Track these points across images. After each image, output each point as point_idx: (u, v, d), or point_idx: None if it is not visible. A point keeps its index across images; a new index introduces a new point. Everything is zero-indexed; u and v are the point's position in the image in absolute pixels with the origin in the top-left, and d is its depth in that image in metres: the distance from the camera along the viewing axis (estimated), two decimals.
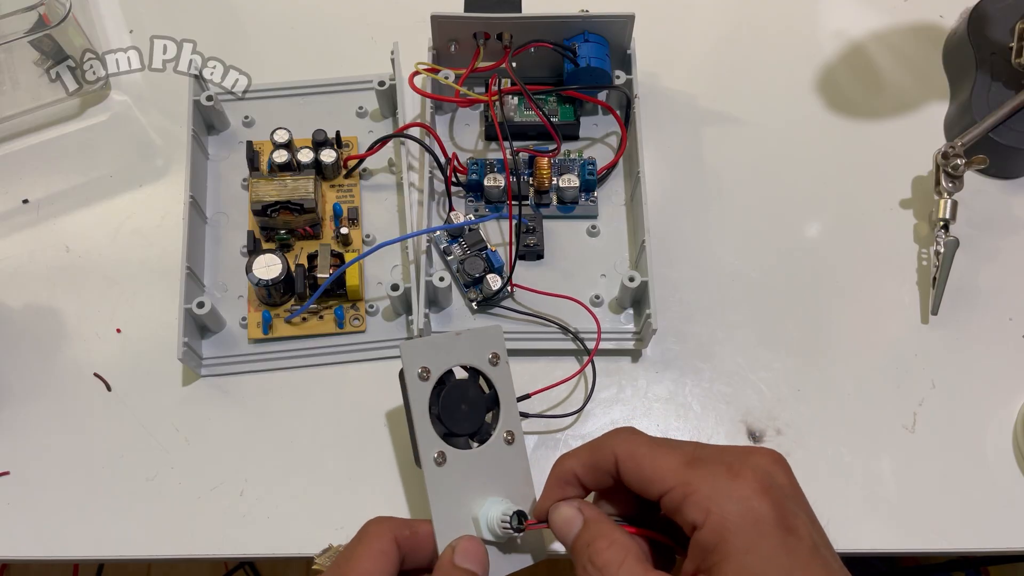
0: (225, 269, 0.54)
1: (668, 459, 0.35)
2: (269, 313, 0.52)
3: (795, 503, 0.34)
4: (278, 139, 0.55)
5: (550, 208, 0.56)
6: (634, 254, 0.54)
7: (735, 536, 0.32)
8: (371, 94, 0.59)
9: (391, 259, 0.55)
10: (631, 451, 0.36)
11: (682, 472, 0.34)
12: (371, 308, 0.53)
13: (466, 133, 0.59)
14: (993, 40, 0.60)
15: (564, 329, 0.52)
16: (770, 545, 0.32)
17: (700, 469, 0.34)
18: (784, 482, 0.34)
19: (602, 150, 0.59)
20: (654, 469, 0.35)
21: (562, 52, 0.56)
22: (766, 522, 0.32)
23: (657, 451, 0.36)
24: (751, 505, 0.32)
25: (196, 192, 0.54)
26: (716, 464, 0.34)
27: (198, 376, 0.52)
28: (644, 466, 0.35)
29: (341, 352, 0.52)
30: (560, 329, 0.52)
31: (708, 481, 0.33)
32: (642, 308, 0.52)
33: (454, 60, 0.57)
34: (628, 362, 0.53)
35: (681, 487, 0.34)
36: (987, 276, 0.55)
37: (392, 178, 0.57)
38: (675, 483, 0.34)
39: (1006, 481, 0.50)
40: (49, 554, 0.47)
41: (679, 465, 0.34)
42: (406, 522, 0.39)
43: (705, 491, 0.33)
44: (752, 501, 0.32)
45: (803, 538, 0.32)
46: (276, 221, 0.54)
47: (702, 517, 0.33)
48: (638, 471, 0.36)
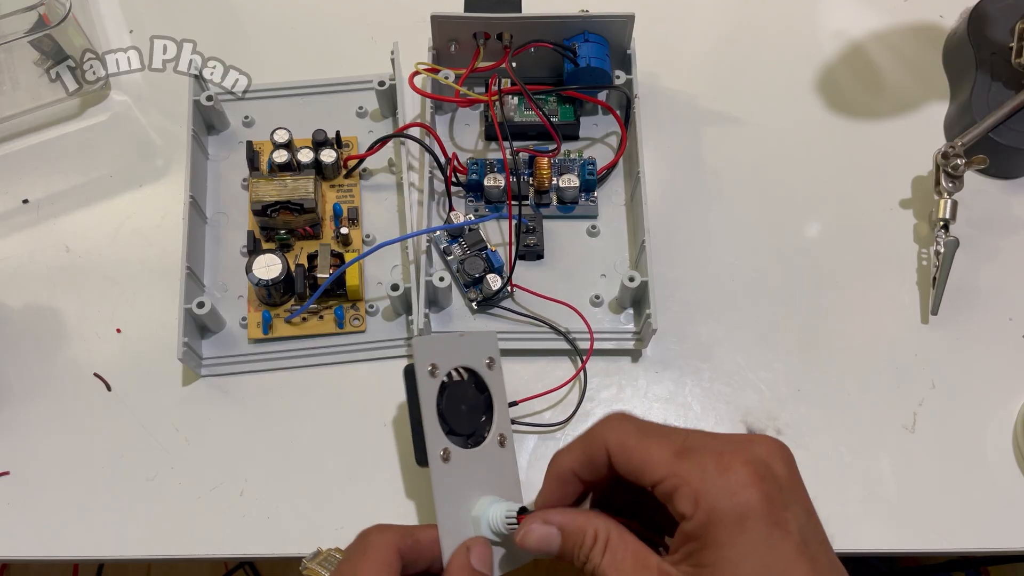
0: (225, 269, 0.54)
1: (658, 449, 0.34)
2: (269, 313, 0.52)
3: (790, 495, 0.33)
4: (278, 139, 0.55)
5: (550, 208, 0.56)
6: (634, 254, 0.54)
7: (719, 529, 0.32)
8: (371, 94, 0.59)
9: (391, 259, 0.55)
10: (621, 441, 0.36)
11: (672, 463, 0.34)
12: (371, 308, 0.53)
13: (466, 133, 0.59)
14: (993, 40, 0.60)
15: (560, 333, 0.52)
16: (753, 539, 0.32)
17: (690, 460, 0.33)
18: (782, 473, 0.34)
19: (602, 150, 0.59)
20: (644, 460, 0.35)
21: (562, 52, 0.56)
22: (752, 516, 0.32)
23: (647, 440, 0.35)
24: (739, 499, 0.32)
25: (196, 192, 0.54)
26: (706, 455, 0.33)
27: (198, 376, 0.52)
28: (634, 457, 0.35)
29: (341, 352, 0.52)
30: (556, 332, 0.52)
31: (697, 473, 0.33)
32: (642, 308, 0.52)
33: (454, 60, 0.57)
34: (628, 362, 0.53)
35: (671, 478, 0.33)
36: (987, 276, 0.55)
37: (392, 178, 0.57)
38: (665, 474, 0.34)
39: (1006, 481, 0.50)
40: (49, 554, 0.47)
41: (669, 455, 0.34)
42: (407, 530, 0.38)
43: (694, 483, 0.33)
44: (740, 495, 0.32)
45: (790, 532, 0.32)
46: (276, 221, 0.53)
47: (691, 509, 0.33)
48: (628, 462, 0.35)
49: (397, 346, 0.52)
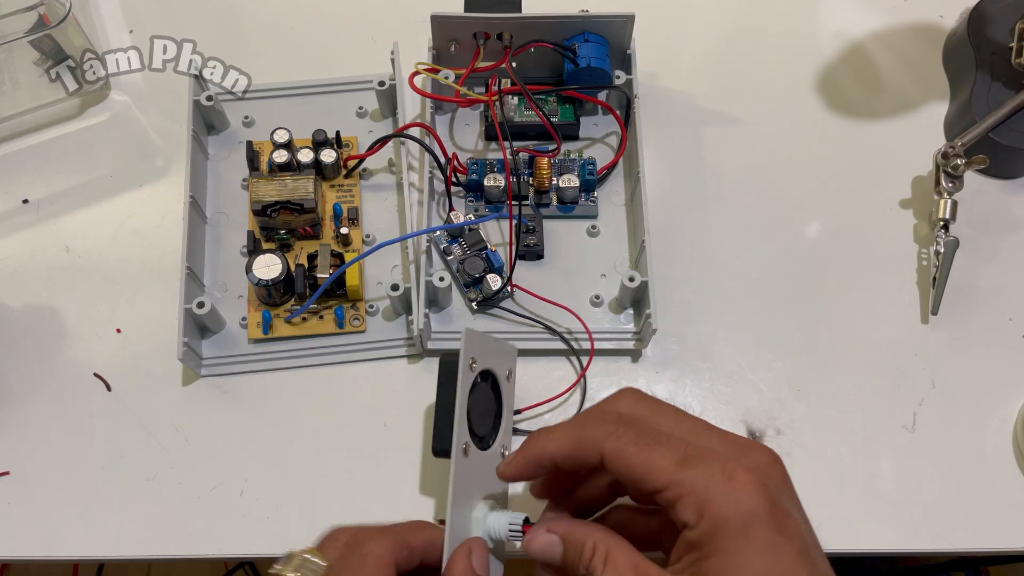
0: (225, 269, 0.54)
1: (660, 458, 0.35)
2: (269, 313, 0.52)
3: (789, 503, 0.34)
4: (278, 139, 0.55)
5: (550, 208, 0.56)
6: (634, 254, 0.54)
7: (725, 537, 0.32)
8: (371, 94, 0.59)
9: (391, 259, 0.55)
10: (620, 450, 0.35)
11: (675, 472, 0.34)
12: (371, 308, 0.53)
13: (466, 133, 0.59)
14: (993, 40, 0.60)
15: (557, 333, 0.52)
16: (758, 546, 0.32)
17: (693, 469, 0.34)
18: (779, 482, 0.34)
19: (602, 150, 0.59)
20: (645, 468, 0.35)
21: (562, 52, 0.56)
22: (757, 523, 0.32)
23: (648, 450, 0.35)
24: (744, 507, 0.32)
25: (196, 192, 0.54)
26: (710, 464, 0.34)
27: (198, 376, 0.52)
28: (634, 466, 0.35)
29: (341, 352, 0.52)
30: (553, 333, 0.52)
31: (702, 483, 0.33)
32: (642, 308, 0.52)
33: (454, 60, 0.57)
34: (628, 362, 0.53)
35: (675, 487, 0.34)
36: (987, 276, 0.55)
37: (392, 178, 0.57)
38: (668, 483, 0.34)
39: (1006, 481, 0.50)
40: (49, 554, 0.47)
41: (671, 464, 0.34)
42: (401, 537, 0.38)
43: (699, 493, 0.33)
44: (746, 503, 0.32)
45: (793, 539, 0.32)
46: (276, 221, 0.53)
47: (695, 518, 0.33)
48: (628, 470, 0.35)
49: (397, 346, 0.52)
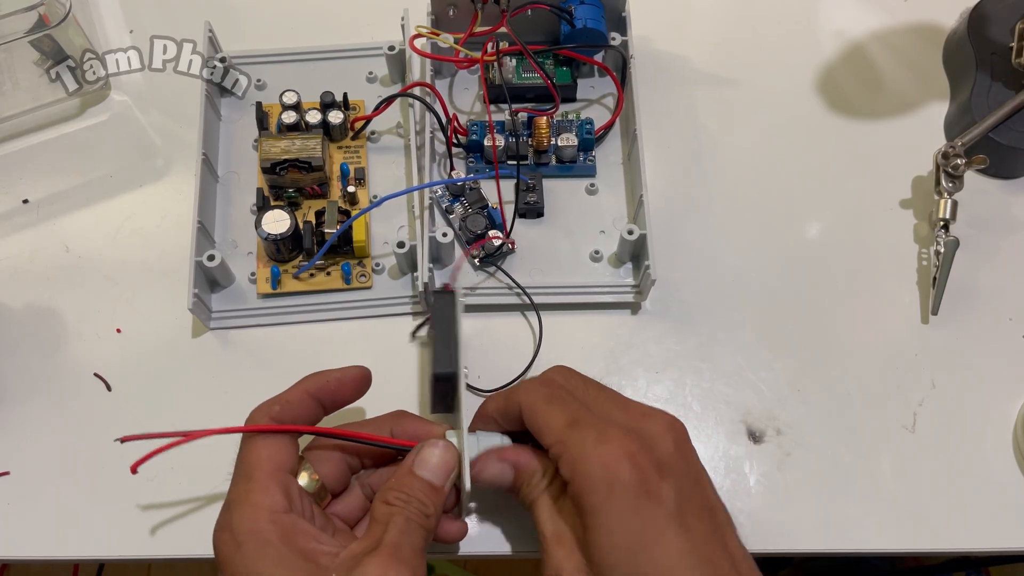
0: (235, 227, 0.55)
1: (555, 417, 0.39)
2: (278, 268, 0.53)
3: (672, 469, 0.36)
4: (287, 100, 0.56)
5: (549, 168, 0.57)
6: (631, 211, 0.55)
7: (591, 496, 0.36)
8: (381, 60, 0.60)
9: (398, 219, 0.56)
10: (531, 405, 0.40)
11: (562, 431, 0.38)
12: (377, 266, 0.54)
13: (465, 96, 0.60)
14: (993, 40, 0.60)
15: (524, 291, 0.53)
16: (622, 508, 0.35)
17: (576, 431, 0.37)
18: (666, 448, 0.37)
19: (599, 111, 0.59)
20: (542, 425, 0.39)
21: (558, 13, 0.57)
22: (621, 485, 0.35)
23: (550, 407, 0.39)
24: (610, 470, 0.35)
25: (209, 150, 0.55)
26: (590, 428, 0.37)
27: (207, 329, 0.52)
28: (537, 420, 0.39)
29: (348, 308, 0.53)
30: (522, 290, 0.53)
31: (578, 443, 0.37)
32: (641, 260, 0.52)
33: (452, 25, 0.59)
34: (628, 315, 0.53)
35: (558, 445, 0.38)
36: (987, 276, 0.55)
37: (399, 141, 0.58)
38: (555, 440, 0.38)
39: (1006, 481, 0.50)
40: (49, 554, 0.47)
41: (561, 424, 0.38)
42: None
43: (574, 452, 0.37)
44: (613, 465, 0.35)
45: (663, 503, 0.35)
46: (285, 179, 0.54)
47: (568, 475, 0.37)
48: (533, 424, 0.39)
49: (403, 303, 0.53)
